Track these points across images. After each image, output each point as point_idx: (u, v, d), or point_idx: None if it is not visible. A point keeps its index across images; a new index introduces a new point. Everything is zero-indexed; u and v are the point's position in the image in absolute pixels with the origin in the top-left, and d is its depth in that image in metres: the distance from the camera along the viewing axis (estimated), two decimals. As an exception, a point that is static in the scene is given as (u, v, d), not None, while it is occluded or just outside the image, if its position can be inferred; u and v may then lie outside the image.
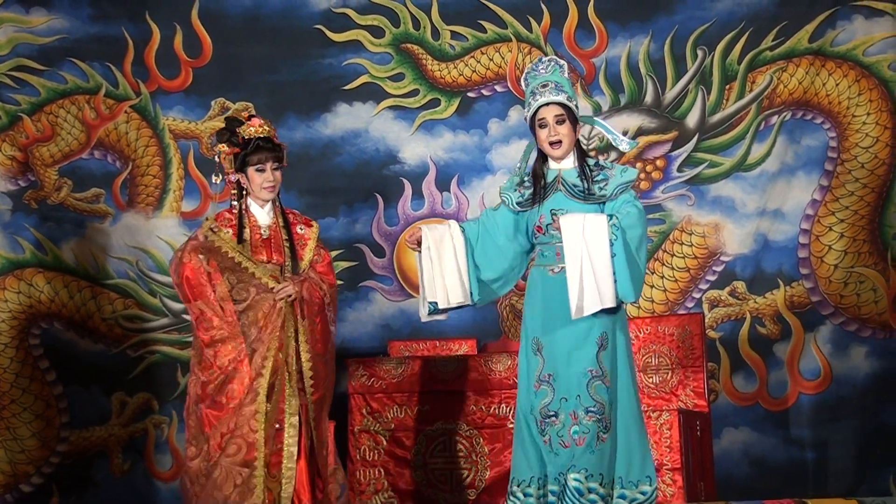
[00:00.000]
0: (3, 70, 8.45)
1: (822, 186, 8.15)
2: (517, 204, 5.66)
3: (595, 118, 6.01)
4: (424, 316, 5.67)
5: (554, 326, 5.52)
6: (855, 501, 4.93)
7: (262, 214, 5.99)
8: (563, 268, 5.50)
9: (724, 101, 8.29)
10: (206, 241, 5.82)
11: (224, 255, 5.79)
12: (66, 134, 8.49)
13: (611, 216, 5.45)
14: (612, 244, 5.39)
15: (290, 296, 5.80)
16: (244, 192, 5.97)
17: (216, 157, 6.00)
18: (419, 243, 5.67)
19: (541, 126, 5.62)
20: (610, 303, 5.37)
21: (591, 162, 5.64)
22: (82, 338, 8.35)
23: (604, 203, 5.55)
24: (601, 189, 5.55)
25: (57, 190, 8.45)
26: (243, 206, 5.97)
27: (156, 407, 8.35)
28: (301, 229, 6.05)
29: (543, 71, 5.69)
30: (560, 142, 5.59)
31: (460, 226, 5.72)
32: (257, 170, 5.93)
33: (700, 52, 8.31)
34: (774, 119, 8.23)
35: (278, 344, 5.77)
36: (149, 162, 8.54)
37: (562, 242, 5.46)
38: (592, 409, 5.44)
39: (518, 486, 5.55)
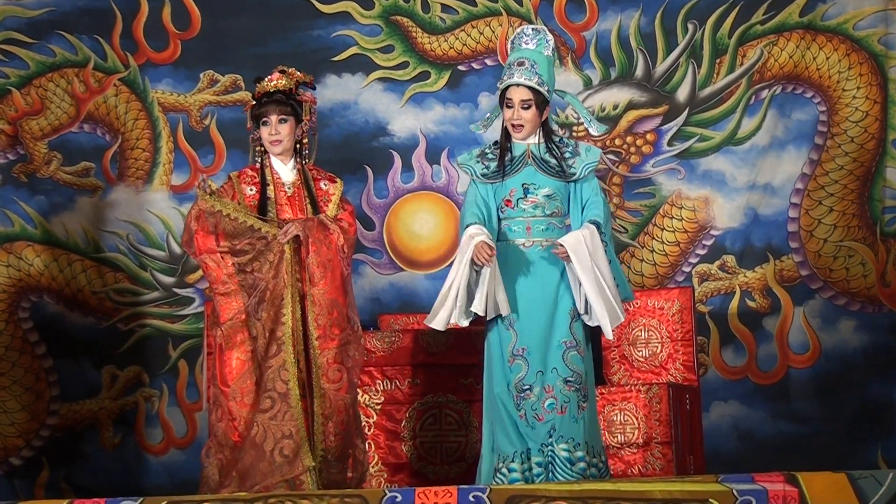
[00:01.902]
0: (-9, 43, 8.44)
1: (812, 160, 8.17)
2: (482, 175, 5.69)
3: (570, 95, 6.00)
4: (443, 325, 5.57)
5: (527, 301, 5.59)
6: (843, 475, 4.95)
7: (285, 171, 5.96)
8: (535, 242, 5.61)
9: (715, 75, 8.29)
10: (206, 206, 5.77)
11: (226, 217, 5.76)
12: (55, 107, 8.46)
13: (596, 224, 5.55)
14: (605, 252, 5.56)
15: (293, 234, 5.75)
16: (265, 149, 5.97)
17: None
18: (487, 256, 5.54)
19: (507, 106, 5.66)
20: (623, 313, 5.57)
21: (556, 139, 5.70)
22: (72, 311, 8.34)
23: (572, 181, 5.64)
24: (570, 167, 5.63)
25: (47, 163, 8.43)
26: (267, 164, 5.95)
27: (146, 380, 8.35)
28: (324, 185, 6.02)
29: (528, 44, 5.68)
30: (522, 126, 5.63)
31: (486, 230, 5.63)
32: (262, 123, 5.92)
33: (691, 26, 8.30)
34: (765, 93, 8.24)
35: (292, 290, 5.75)
36: (138, 135, 8.52)
37: (533, 217, 5.60)
38: (571, 379, 5.53)
39: (503, 463, 5.59)
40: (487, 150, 5.74)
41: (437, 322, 5.59)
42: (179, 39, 8.55)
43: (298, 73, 6.06)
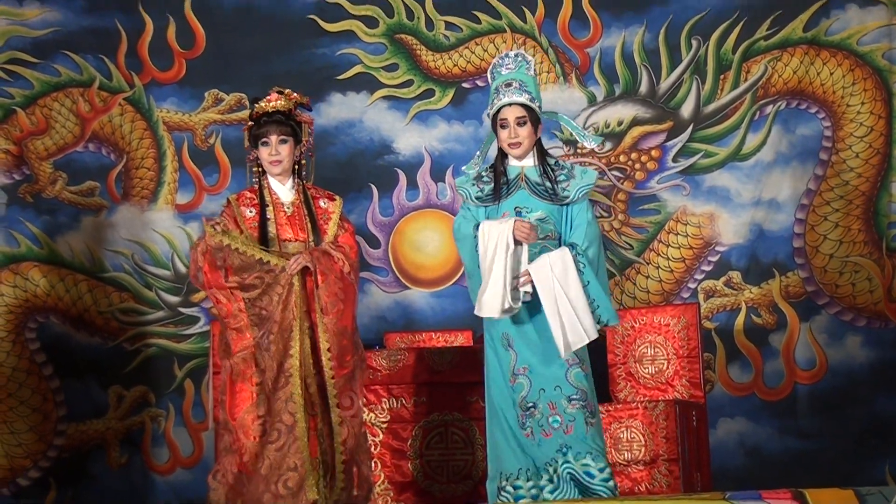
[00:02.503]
0: (-4, 63, 8.46)
1: (817, 176, 8.16)
2: (476, 199, 5.68)
3: (560, 114, 5.98)
4: (499, 312, 5.47)
5: (524, 320, 5.56)
6: (851, 491, 4.93)
7: (283, 191, 5.94)
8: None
9: (719, 91, 8.29)
10: (214, 243, 5.76)
11: (234, 251, 5.75)
12: (60, 127, 8.48)
13: (572, 245, 5.50)
14: (581, 274, 5.47)
15: (301, 265, 5.73)
16: (263, 170, 5.95)
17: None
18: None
19: (502, 126, 5.63)
20: (594, 334, 5.45)
21: (552, 161, 5.67)
22: (78, 331, 8.35)
23: (566, 204, 5.59)
24: (564, 190, 5.59)
25: (52, 183, 8.45)
26: (265, 184, 5.95)
27: (152, 400, 8.35)
28: (324, 203, 5.99)
29: (510, 67, 5.69)
30: (520, 143, 5.61)
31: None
32: (262, 143, 5.89)
33: (695, 42, 8.31)
34: (769, 109, 8.23)
35: (300, 322, 5.74)
36: (143, 154, 8.53)
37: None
38: (575, 396, 5.47)
39: (507, 480, 5.57)
40: (483, 174, 5.73)
41: (493, 310, 5.48)
42: (184, 59, 8.57)
43: (295, 94, 6.04)
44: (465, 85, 8.50)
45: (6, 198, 8.40)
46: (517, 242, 5.51)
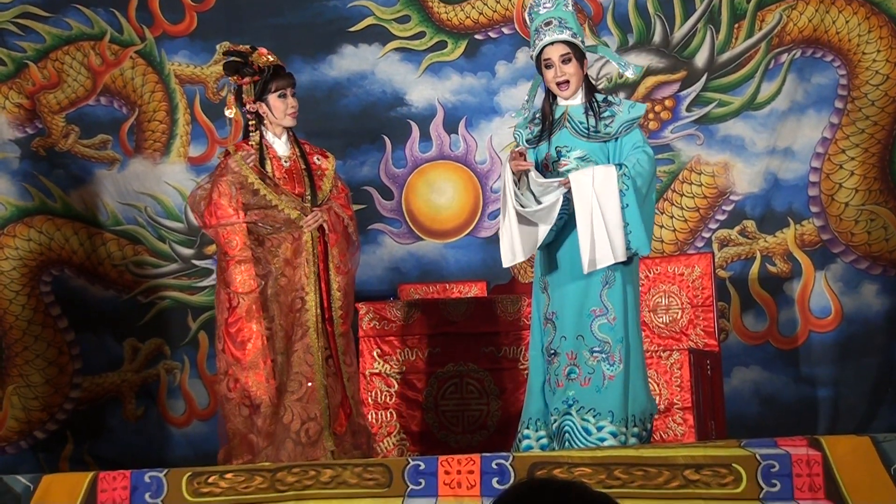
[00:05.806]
0: (7, 17, 8.42)
1: (833, 124, 8.11)
2: (527, 141, 5.61)
3: (598, 45, 5.89)
4: (508, 261, 5.47)
5: (559, 265, 5.49)
6: (867, 438, 4.92)
7: (280, 145, 5.94)
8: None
9: (734, 40, 8.23)
10: (237, 173, 5.77)
11: (252, 190, 5.76)
12: (72, 80, 8.47)
13: (620, 165, 5.38)
14: (623, 194, 5.33)
15: (318, 223, 5.76)
16: (262, 123, 5.93)
17: (229, 88, 5.98)
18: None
19: (547, 67, 5.51)
20: (622, 256, 5.32)
21: (600, 98, 5.54)
22: (93, 284, 8.37)
23: (608, 141, 5.47)
24: (607, 126, 5.46)
25: (64, 137, 8.44)
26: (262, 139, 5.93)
27: (168, 352, 8.38)
28: (318, 160, 6.00)
29: (547, 6, 5.56)
30: (567, 81, 5.49)
31: None
32: (280, 96, 5.88)
33: (709, -9, 8.26)
34: (784, 57, 8.17)
35: (314, 277, 5.76)
36: (155, 107, 8.51)
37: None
38: (597, 349, 5.40)
39: (528, 427, 5.56)
40: (537, 115, 5.65)
41: (505, 259, 5.46)
42: (195, 11, 8.54)
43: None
44: (477, 37, 8.46)
45: (19, 152, 8.40)
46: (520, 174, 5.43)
